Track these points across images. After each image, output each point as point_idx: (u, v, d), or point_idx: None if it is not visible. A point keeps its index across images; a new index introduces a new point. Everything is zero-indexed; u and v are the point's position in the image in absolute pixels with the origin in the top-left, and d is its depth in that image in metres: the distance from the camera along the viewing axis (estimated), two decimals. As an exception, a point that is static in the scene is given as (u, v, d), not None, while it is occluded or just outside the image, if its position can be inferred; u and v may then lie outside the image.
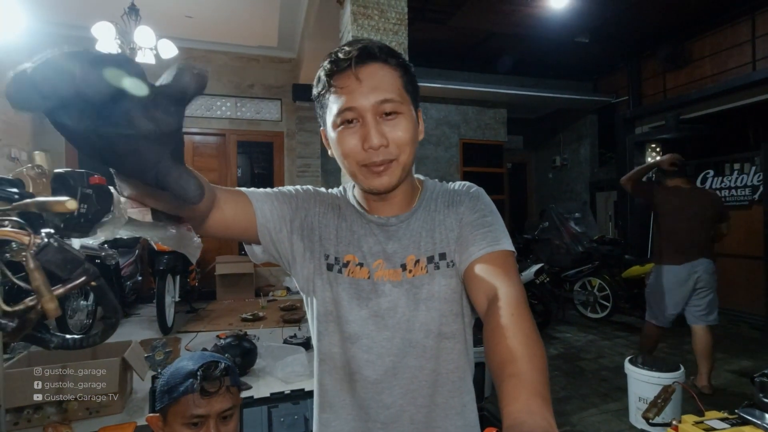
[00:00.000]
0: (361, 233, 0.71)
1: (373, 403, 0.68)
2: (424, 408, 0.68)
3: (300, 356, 2.60)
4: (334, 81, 0.64)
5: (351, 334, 0.68)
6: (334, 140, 0.67)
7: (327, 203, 0.75)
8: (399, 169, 0.65)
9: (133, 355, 2.08)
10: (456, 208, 0.71)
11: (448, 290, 0.69)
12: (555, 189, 7.64)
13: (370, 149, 0.62)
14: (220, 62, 5.38)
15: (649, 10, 4.87)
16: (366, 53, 0.63)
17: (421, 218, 0.72)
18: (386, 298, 0.68)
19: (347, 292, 0.69)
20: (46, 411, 1.88)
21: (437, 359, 0.69)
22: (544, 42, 5.58)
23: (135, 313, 4.23)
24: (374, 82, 0.63)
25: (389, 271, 0.69)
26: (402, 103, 0.64)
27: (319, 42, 4.03)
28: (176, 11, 4.28)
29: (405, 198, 0.72)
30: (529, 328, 0.54)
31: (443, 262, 0.69)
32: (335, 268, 0.70)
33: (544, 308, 4.35)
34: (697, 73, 5.48)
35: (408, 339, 0.68)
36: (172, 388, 0.93)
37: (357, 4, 2.28)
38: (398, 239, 0.70)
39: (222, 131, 5.46)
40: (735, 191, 4.70)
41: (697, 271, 2.84)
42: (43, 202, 0.35)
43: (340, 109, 0.63)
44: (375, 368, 0.68)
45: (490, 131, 6.32)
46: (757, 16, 4.80)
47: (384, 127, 0.63)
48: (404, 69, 0.67)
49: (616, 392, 2.89)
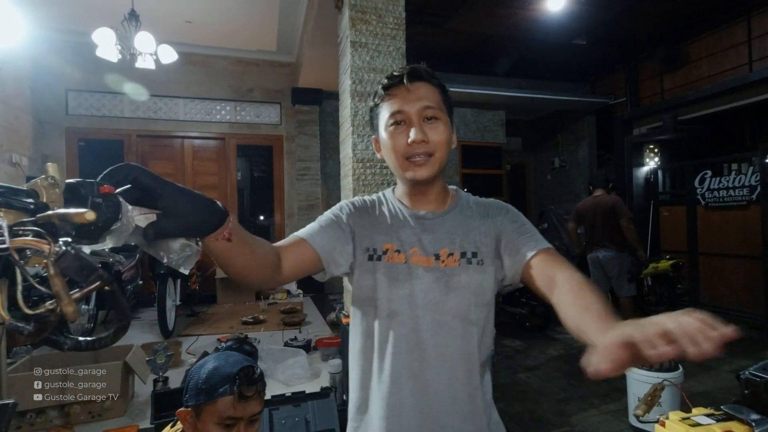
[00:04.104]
0: (399, 225, 0.84)
1: (404, 371, 0.78)
2: (446, 380, 0.79)
3: (301, 359, 2.62)
4: (388, 92, 0.82)
5: (388, 312, 0.80)
6: (385, 139, 0.82)
7: (360, 208, 0.88)
8: (436, 163, 0.80)
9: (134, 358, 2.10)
10: (492, 219, 0.85)
11: (476, 283, 0.80)
12: (554, 190, 7.65)
13: (413, 143, 0.78)
14: (219, 66, 5.41)
15: (645, 12, 4.90)
16: (415, 73, 0.81)
17: (456, 219, 0.85)
18: (419, 280, 0.79)
19: (386, 275, 0.80)
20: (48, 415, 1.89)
21: (462, 339, 0.80)
22: (542, 44, 5.61)
23: (136, 316, 4.24)
24: (420, 93, 0.80)
25: (423, 258, 0.81)
26: (440, 111, 0.81)
27: (318, 46, 4.05)
28: (176, 17, 4.31)
29: (438, 197, 0.87)
30: (595, 291, 0.66)
31: (475, 259, 0.81)
32: (374, 257, 0.82)
33: (543, 309, 4.36)
34: (694, 75, 5.50)
35: (437, 319, 0.79)
36: (211, 388, 0.97)
37: (355, 9, 2.31)
38: (433, 232, 0.83)
39: (221, 135, 5.48)
40: (733, 191, 4.72)
41: (599, 257, 3.82)
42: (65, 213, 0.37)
43: (392, 113, 0.80)
44: (408, 341, 0.79)
45: (488, 133, 6.33)
46: (752, 17, 4.84)
47: (426, 128, 0.79)
48: (442, 89, 0.85)
49: (616, 393, 2.91)
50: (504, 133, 6.50)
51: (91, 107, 4.96)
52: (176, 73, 5.06)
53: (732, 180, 4.73)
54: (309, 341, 3.15)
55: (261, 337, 3.44)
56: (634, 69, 6.27)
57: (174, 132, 5.31)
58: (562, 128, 7.37)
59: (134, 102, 5.06)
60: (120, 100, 5.03)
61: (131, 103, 5.06)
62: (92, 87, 4.89)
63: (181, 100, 5.29)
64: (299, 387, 2.20)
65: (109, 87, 4.81)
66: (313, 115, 5.69)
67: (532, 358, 3.72)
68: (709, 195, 4.95)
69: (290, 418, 1.97)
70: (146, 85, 4.87)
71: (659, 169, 5.94)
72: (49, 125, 4.77)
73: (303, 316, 4.01)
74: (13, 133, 4.27)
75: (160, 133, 5.25)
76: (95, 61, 3.63)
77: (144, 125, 5.16)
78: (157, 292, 3.37)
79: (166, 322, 3.38)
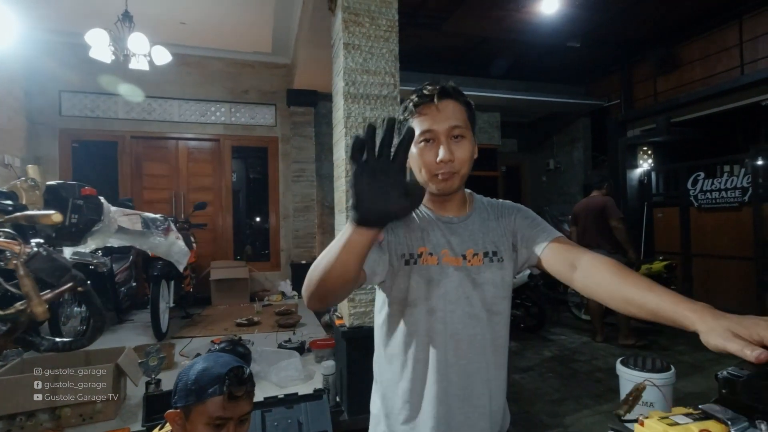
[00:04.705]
0: (429, 229, 0.91)
1: (443, 360, 0.87)
2: (475, 363, 0.88)
3: (294, 360, 2.61)
4: (419, 110, 0.88)
5: (427, 310, 0.87)
6: (415, 154, 0.89)
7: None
8: (458, 179, 0.89)
9: (126, 361, 2.08)
10: (506, 219, 0.96)
11: (497, 278, 0.90)
12: (549, 192, 7.69)
13: (441, 162, 0.85)
14: (214, 68, 5.40)
15: (639, 14, 4.94)
16: (445, 92, 0.87)
17: (477, 222, 0.94)
18: (450, 279, 0.88)
19: (423, 277, 0.88)
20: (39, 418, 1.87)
21: (489, 328, 0.89)
22: (537, 47, 5.64)
23: (129, 319, 4.21)
24: (448, 112, 0.86)
25: (452, 258, 0.89)
26: (466, 129, 0.88)
27: (312, 48, 4.05)
28: (170, 18, 4.30)
29: (460, 202, 0.96)
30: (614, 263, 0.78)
31: (495, 257, 0.91)
32: (411, 261, 0.88)
33: (538, 310, 4.38)
34: (687, 77, 5.55)
35: (468, 312, 0.88)
36: (200, 388, 0.98)
37: (348, 11, 2.31)
38: (459, 235, 0.92)
39: (216, 136, 5.47)
40: (725, 193, 4.76)
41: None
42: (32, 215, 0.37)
43: (422, 131, 0.86)
44: (445, 334, 0.87)
45: (484, 135, 6.36)
46: (744, 20, 4.89)
47: (452, 146, 0.86)
48: (468, 106, 0.91)
49: (609, 393, 2.92)
50: (499, 134, 6.53)
51: (85, 108, 4.94)
52: (171, 75, 5.04)
53: (724, 182, 4.77)
54: (303, 343, 3.14)
55: (255, 338, 3.43)
56: (628, 71, 6.32)
57: (168, 133, 5.29)
58: (556, 130, 7.41)
59: (128, 103, 5.03)
60: (114, 101, 5.01)
61: (125, 104, 5.04)
62: (86, 88, 4.87)
63: (176, 102, 5.27)
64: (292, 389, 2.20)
65: (103, 88, 4.78)
66: (309, 117, 5.69)
67: (526, 359, 3.73)
68: (702, 197, 4.99)
69: (283, 420, 1.96)
70: (141, 86, 4.86)
71: (653, 170, 5.99)
72: (43, 126, 4.74)
73: (298, 317, 4.00)
74: (6, 134, 4.24)
75: (155, 134, 5.23)
76: (89, 63, 3.61)
77: (138, 126, 5.14)
78: (150, 294, 3.35)
79: (160, 324, 3.36)
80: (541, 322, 4.40)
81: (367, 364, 1.01)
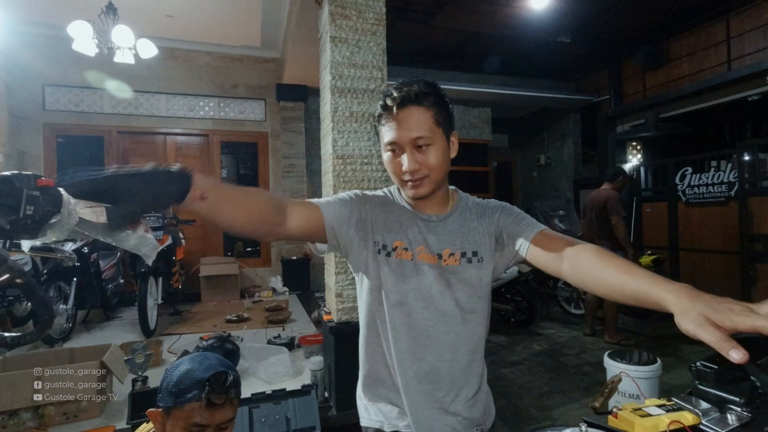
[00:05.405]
0: (407, 224, 0.91)
1: (408, 355, 0.88)
2: (447, 362, 0.89)
3: (283, 356, 2.60)
4: (383, 119, 0.87)
5: (395, 302, 0.88)
6: (386, 160, 0.89)
7: (375, 202, 0.94)
8: (431, 182, 0.87)
9: (112, 358, 2.06)
10: (489, 218, 0.94)
11: (474, 279, 0.90)
12: (539, 187, 7.73)
13: (406, 172, 0.84)
14: (202, 62, 5.33)
15: (628, 10, 4.96)
16: (407, 99, 0.83)
17: (457, 222, 0.93)
18: (424, 276, 0.88)
19: (394, 270, 0.88)
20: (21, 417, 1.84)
21: (463, 327, 0.90)
22: (527, 42, 5.64)
23: (117, 316, 4.17)
24: (411, 123, 0.83)
25: (428, 256, 0.89)
26: (432, 136, 0.84)
27: (301, 42, 4.01)
28: (156, 10, 4.23)
29: (441, 201, 0.94)
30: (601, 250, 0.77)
31: (474, 258, 0.90)
32: (384, 252, 0.88)
33: (528, 305, 4.40)
34: (675, 73, 5.59)
35: (440, 310, 0.88)
36: (180, 392, 0.95)
37: (335, 4, 2.28)
38: (437, 234, 0.91)
39: (205, 132, 5.41)
40: (712, 188, 4.81)
41: None
42: None
43: (386, 142, 0.86)
44: (413, 329, 0.88)
45: (474, 130, 6.36)
46: (731, 17, 4.93)
47: (418, 156, 0.84)
48: (439, 106, 0.86)
49: (598, 386, 2.93)
50: (490, 130, 6.53)
51: (69, 102, 4.85)
52: (158, 69, 4.97)
53: (711, 177, 4.82)
54: (292, 339, 3.13)
55: (245, 335, 3.42)
56: (617, 67, 6.35)
57: (156, 128, 5.22)
58: (547, 125, 7.44)
59: (115, 97, 4.95)
60: (100, 95, 4.92)
61: (111, 98, 4.96)
62: (70, 82, 4.78)
63: (164, 96, 5.20)
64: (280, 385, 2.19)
65: (87, 82, 4.70)
66: (298, 112, 5.65)
67: (516, 353, 3.75)
68: (689, 191, 5.04)
69: (270, 416, 1.95)
70: (127, 80, 4.78)
71: (642, 165, 6.04)
72: (26, 121, 4.65)
73: (288, 313, 3.99)
74: (-12, 129, 4.16)
75: (142, 129, 5.16)
76: (73, 56, 3.54)
77: (125, 121, 5.06)
78: (138, 291, 3.31)
79: (147, 321, 3.33)
80: (530, 317, 4.42)
81: (355, 360, 0.99)
